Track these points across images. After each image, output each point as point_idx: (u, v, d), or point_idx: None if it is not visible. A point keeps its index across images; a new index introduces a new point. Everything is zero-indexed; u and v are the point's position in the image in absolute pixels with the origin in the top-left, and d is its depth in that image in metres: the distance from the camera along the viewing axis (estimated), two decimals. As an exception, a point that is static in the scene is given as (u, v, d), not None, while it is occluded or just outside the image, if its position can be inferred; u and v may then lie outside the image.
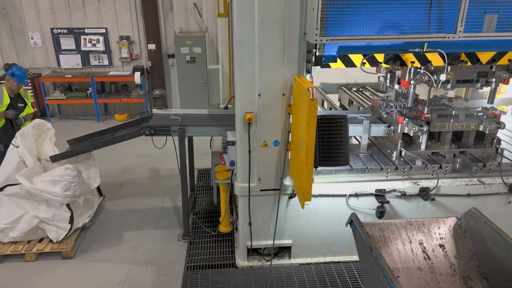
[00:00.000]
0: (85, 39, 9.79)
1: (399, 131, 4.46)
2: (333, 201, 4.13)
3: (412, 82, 4.20)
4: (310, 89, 2.99)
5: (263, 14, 3.28)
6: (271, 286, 4.01)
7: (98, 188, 5.37)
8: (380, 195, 4.12)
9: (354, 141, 5.08)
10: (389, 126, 4.54)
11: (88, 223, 4.99)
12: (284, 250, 4.46)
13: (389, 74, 3.84)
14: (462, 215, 3.51)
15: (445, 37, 3.26)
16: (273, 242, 4.07)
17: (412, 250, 3.37)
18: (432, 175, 4.28)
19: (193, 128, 4.42)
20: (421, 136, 4.51)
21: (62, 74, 9.74)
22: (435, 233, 3.45)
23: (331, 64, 3.76)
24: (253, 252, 4.42)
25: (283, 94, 3.59)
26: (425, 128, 4.30)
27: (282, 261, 4.39)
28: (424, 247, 3.38)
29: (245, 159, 3.81)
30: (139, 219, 5.27)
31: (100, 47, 9.83)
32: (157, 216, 5.34)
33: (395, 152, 4.51)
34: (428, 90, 4.16)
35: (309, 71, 3.66)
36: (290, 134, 3.77)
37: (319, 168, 4.25)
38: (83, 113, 10.34)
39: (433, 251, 3.36)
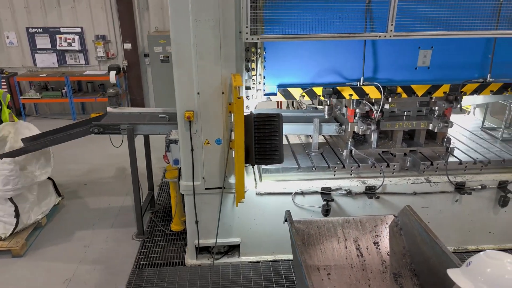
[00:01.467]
0: (60, 38, 9.77)
1: (349, 130, 4.49)
2: (279, 199, 4.14)
3: (357, 110, 4.28)
4: (239, 87, 3.01)
5: (196, 13, 3.30)
6: (215, 284, 4.02)
7: (56, 188, 5.36)
8: (326, 193, 4.14)
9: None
10: (340, 125, 4.57)
11: (43, 221, 4.98)
12: (234, 249, 4.47)
13: (326, 107, 3.95)
14: (399, 213, 3.54)
15: (377, 36, 3.29)
16: (215, 241, 4.07)
17: (346, 247, 3.40)
18: (380, 173, 4.31)
19: (142, 126, 4.43)
20: (372, 135, 4.55)
21: (38, 73, 9.72)
22: (371, 231, 3.48)
23: (271, 97, 3.94)
24: (204, 250, 4.43)
25: (223, 93, 3.60)
26: (372, 127, 4.32)
27: (232, 259, 4.40)
28: (359, 245, 3.41)
29: (188, 158, 3.82)
30: (97, 218, 5.27)
31: (76, 46, 9.81)
32: (115, 215, 5.34)
33: (345, 151, 4.54)
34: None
35: (248, 70, 3.68)
36: (232, 132, 3.80)
37: (267, 167, 4.29)
38: (60, 112, 10.32)
39: (367, 249, 3.39)
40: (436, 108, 4.35)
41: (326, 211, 4.12)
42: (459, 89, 4.00)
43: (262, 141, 3.37)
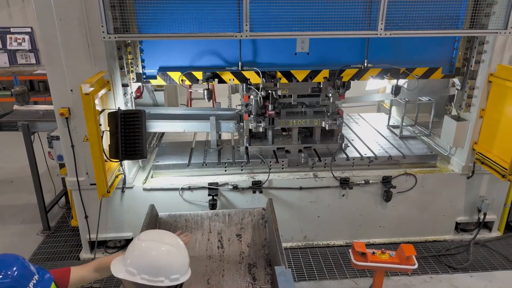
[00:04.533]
0: (11, 38, 9.81)
1: (244, 128, 4.61)
2: (168, 194, 4.25)
3: (251, 97, 4.39)
4: (87, 84, 3.11)
5: (60, 12, 3.40)
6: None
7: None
8: (213, 188, 4.26)
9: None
10: (238, 123, 4.69)
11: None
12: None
13: (205, 91, 4.04)
14: (266, 206, 3.66)
15: (234, 36, 3.41)
16: (96, 236, 4.16)
17: (209, 239, 3.51)
18: (270, 169, 4.44)
19: (39, 124, 4.52)
20: (268, 132, 4.69)
21: (-13, 73, 9.75)
22: (236, 224, 3.59)
23: (152, 80, 3.98)
24: (101, 245, 4.52)
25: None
26: (262, 124, 4.45)
27: (127, 253, 4.49)
28: (221, 237, 3.52)
29: (70, 154, 3.90)
30: (10, 214, 5.34)
31: (26, 46, 9.85)
32: (29, 211, 5.41)
33: (241, 147, 4.66)
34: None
35: (122, 67, 3.79)
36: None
37: (158, 163, 4.42)
38: (12, 112, 10.34)
39: (229, 240, 3.50)
40: (330, 95, 4.43)
41: (212, 206, 4.24)
42: (336, 74, 4.05)
43: (128, 137, 3.48)
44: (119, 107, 3.62)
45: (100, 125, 3.48)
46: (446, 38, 4.13)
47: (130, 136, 3.47)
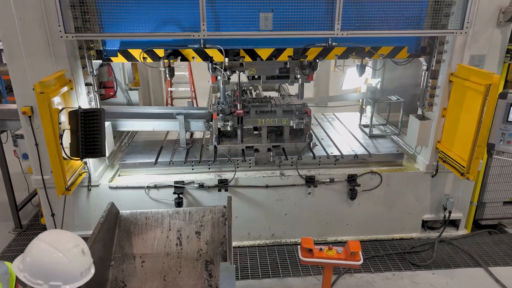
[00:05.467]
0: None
1: (213, 126, 4.65)
2: (135, 193, 4.29)
3: (218, 78, 4.40)
4: (43, 83, 3.15)
5: (20, 12, 3.42)
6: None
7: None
8: (179, 186, 4.29)
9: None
10: (208, 122, 4.73)
11: None
12: (100, 241, 4.61)
13: (167, 69, 3.99)
14: (227, 204, 3.70)
15: (191, 36, 3.44)
16: None
17: (168, 237, 3.55)
18: (238, 167, 4.48)
19: (10, 122, 4.55)
20: (238, 131, 4.73)
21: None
22: (196, 221, 3.63)
23: (113, 58, 3.94)
24: (71, 243, 4.55)
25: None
26: (230, 123, 4.49)
27: (95, 251, 4.53)
28: (181, 234, 3.56)
29: (34, 152, 3.93)
30: (-15, 213, 5.37)
31: None
32: (3, 209, 5.43)
33: (210, 146, 4.70)
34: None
35: (85, 66, 3.82)
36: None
37: (125, 162, 4.45)
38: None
39: (188, 238, 3.54)
40: (299, 76, 4.36)
41: (178, 204, 4.28)
42: (300, 53, 4.00)
43: (88, 135, 3.51)
44: (79, 106, 3.65)
45: (60, 123, 3.51)
46: (412, 16, 3.86)
47: (90, 135, 3.50)
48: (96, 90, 4.01)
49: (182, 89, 7.56)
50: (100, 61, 3.95)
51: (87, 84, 3.92)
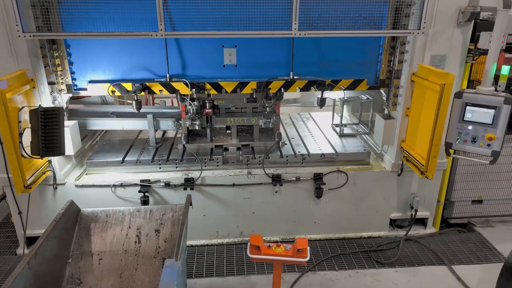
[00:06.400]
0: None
1: (183, 126, 4.68)
2: (101, 191, 4.32)
3: (188, 107, 4.47)
4: (2, 82, 3.18)
5: (-22, 11, 3.46)
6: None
7: None
8: (145, 185, 4.32)
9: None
10: (177, 121, 4.77)
11: None
12: (69, 239, 4.64)
13: (134, 102, 4.10)
14: (185, 202, 3.72)
15: (149, 35, 3.48)
16: (24, 232, 4.22)
17: (127, 235, 3.58)
18: (205, 166, 4.52)
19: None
20: (207, 130, 4.76)
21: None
22: (157, 219, 3.66)
23: (82, 92, 4.14)
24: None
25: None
26: (197, 122, 4.52)
27: (63, 249, 4.56)
28: (140, 232, 3.59)
29: (-1, 150, 3.97)
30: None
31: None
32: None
33: (179, 145, 4.74)
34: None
35: (47, 65, 3.85)
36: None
37: (93, 160, 4.48)
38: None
39: (147, 236, 3.58)
40: (266, 105, 4.49)
41: (144, 202, 4.31)
42: (263, 86, 4.15)
43: (48, 134, 3.54)
44: (40, 105, 3.68)
45: (20, 122, 3.54)
46: (370, 51, 4.28)
47: (49, 133, 3.53)
48: (61, 89, 4.03)
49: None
50: (70, 95, 4.12)
51: (50, 83, 3.95)
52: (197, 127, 4.57)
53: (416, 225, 4.91)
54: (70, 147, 4.11)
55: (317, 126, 5.55)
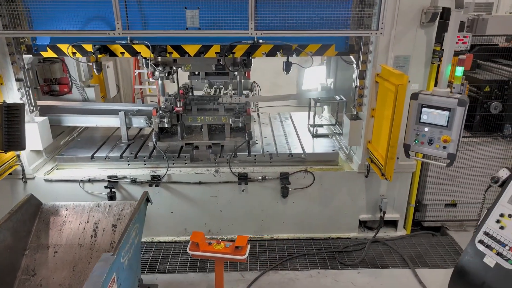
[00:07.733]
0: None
1: (154, 123, 4.74)
2: (70, 186, 4.42)
3: (156, 73, 4.51)
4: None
5: None
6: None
7: None
8: (112, 181, 4.40)
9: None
10: (149, 118, 4.83)
11: None
12: (41, 232, 4.75)
13: (94, 64, 4.06)
14: (140, 198, 3.76)
15: (107, 34, 3.54)
16: None
17: (84, 229, 3.66)
18: (173, 163, 4.57)
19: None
20: (178, 128, 4.81)
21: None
22: (115, 215, 3.73)
23: (43, 53, 4.07)
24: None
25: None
26: (166, 120, 4.57)
27: (35, 242, 4.67)
28: (97, 227, 3.66)
29: (-31, 144, 4.09)
30: None
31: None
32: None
33: (150, 142, 4.80)
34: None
35: (14, 62, 3.95)
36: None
37: (63, 156, 4.58)
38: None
39: (103, 230, 3.64)
40: (236, 73, 4.43)
41: (110, 197, 4.39)
42: (225, 49, 4.01)
43: (10, 129, 3.64)
44: (4, 100, 3.79)
45: (-16, 117, 3.65)
46: (340, 14, 3.85)
47: (12, 128, 3.63)
48: (29, 85, 4.13)
49: (149, 87, 7.67)
50: (31, 56, 4.08)
51: (18, 80, 4.05)
52: (166, 125, 4.61)
53: (388, 227, 4.88)
54: (38, 142, 4.22)
55: (293, 126, 5.55)
